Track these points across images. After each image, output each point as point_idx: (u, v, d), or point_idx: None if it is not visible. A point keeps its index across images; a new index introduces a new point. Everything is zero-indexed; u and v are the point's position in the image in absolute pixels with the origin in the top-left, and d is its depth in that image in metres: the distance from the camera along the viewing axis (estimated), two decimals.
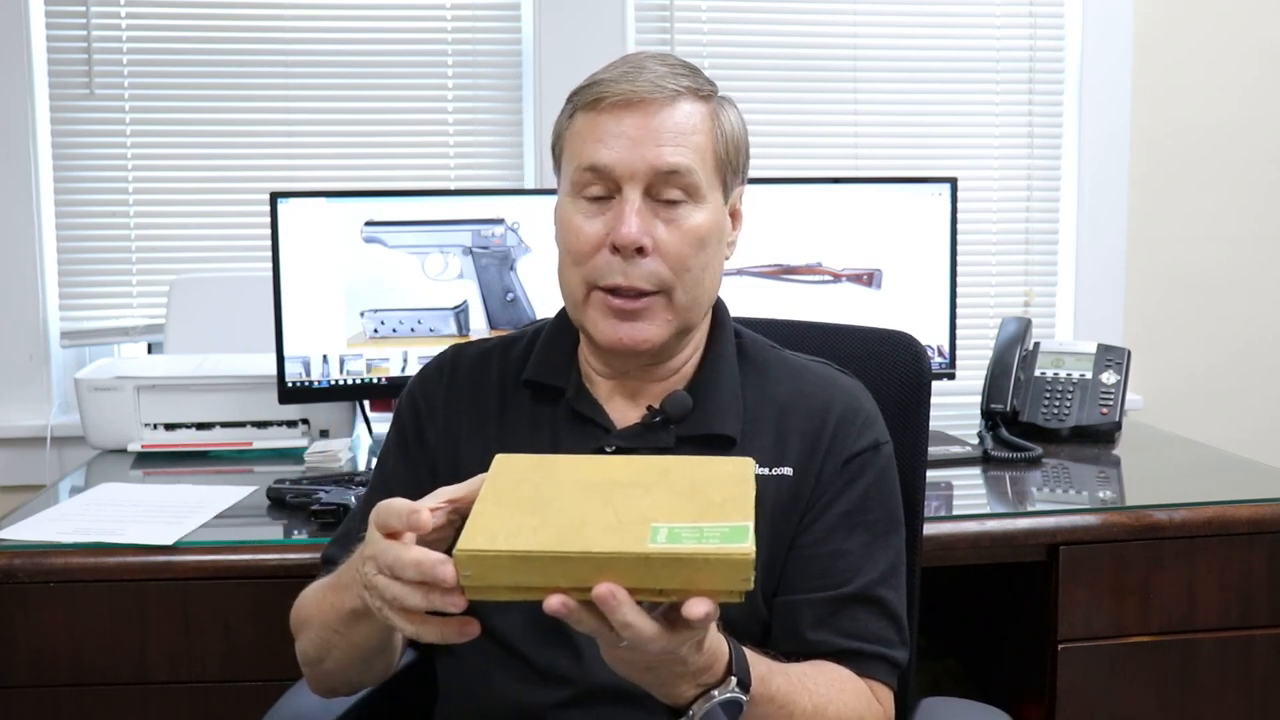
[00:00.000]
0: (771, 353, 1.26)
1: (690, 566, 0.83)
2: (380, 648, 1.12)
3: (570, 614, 0.84)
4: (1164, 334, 2.66)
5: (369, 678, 1.18)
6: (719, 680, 0.97)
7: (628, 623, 0.84)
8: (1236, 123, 2.66)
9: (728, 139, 1.17)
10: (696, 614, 0.84)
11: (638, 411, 1.20)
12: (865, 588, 1.16)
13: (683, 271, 1.14)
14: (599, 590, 0.83)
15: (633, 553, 0.83)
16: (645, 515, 0.87)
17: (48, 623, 1.50)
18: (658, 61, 1.15)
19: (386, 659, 1.17)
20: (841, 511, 1.18)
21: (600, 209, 1.14)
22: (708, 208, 1.15)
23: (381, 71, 2.47)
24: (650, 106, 1.12)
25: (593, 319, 1.15)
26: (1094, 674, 1.65)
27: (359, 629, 1.06)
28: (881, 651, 1.16)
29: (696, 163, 1.13)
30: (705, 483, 0.92)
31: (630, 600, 0.84)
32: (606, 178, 1.13)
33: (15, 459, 2.37)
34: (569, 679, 1.13)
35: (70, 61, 2.39)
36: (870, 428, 1.22)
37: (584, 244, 1.14)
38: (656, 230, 1.13)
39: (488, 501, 0.91)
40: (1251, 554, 1.67)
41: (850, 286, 2.07)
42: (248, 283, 2.27)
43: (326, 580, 1.13)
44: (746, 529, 0.86)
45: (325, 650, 1.12)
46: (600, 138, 1.12)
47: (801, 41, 2.57)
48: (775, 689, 1.03)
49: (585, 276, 1.15)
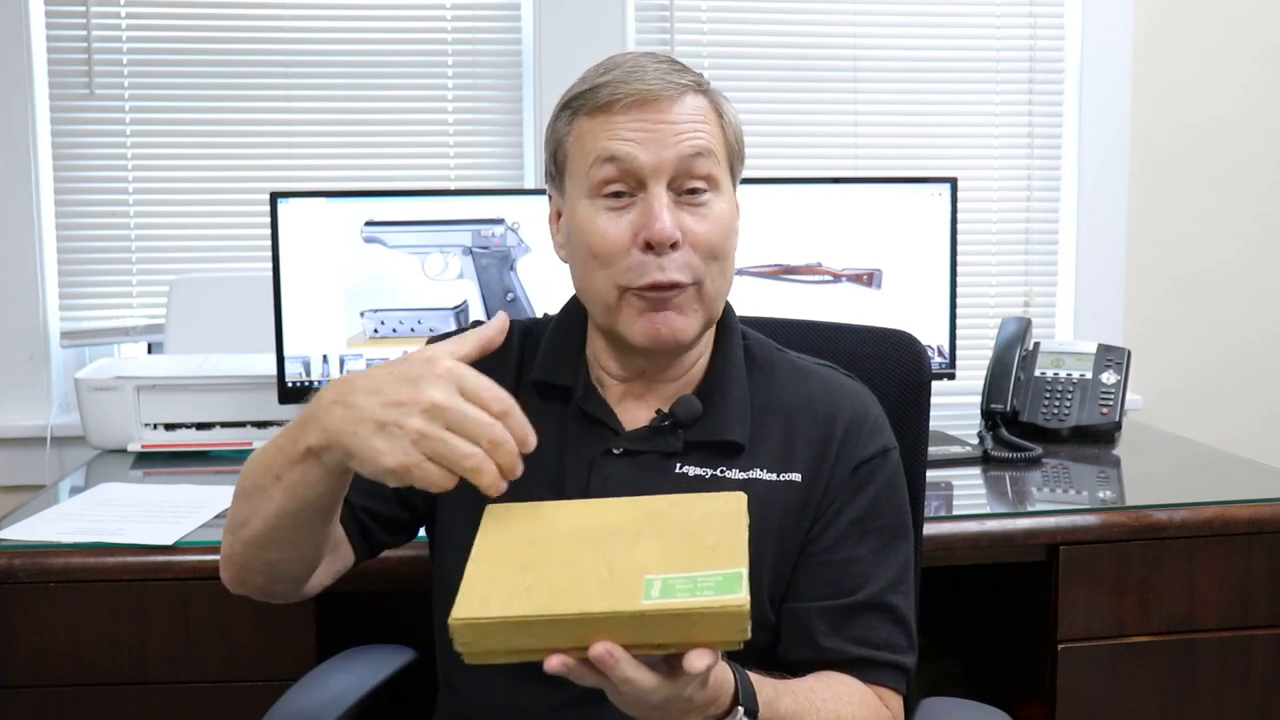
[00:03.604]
0: (778, 355, 1.26)
1: (686, 621, 0.83)
2: (318, 510, 1.03)
3: (571, 672, 0.85)
4: (1164, 334, 2.67)
5: (292, 558, 1.09)
6: (726, 711, 0.97)
7: (627, 678, 0.85)
8: (1236, 122, 2.66)
9: (733, 129, 1.18)
10: (698, 667, 0.84)
11: (647, 413, 1.19)
12: (876, 595, 1.16)
13: (711, 261, 1.13)
14: (595, 651, 0.83)
15: (627, 611, 0.83)
16: (638, 567, 0.86)
17: (48, 623, 1.50)
18: (651, 60, 1.14)
19: (319, 537, 1.08)
20: (852, 518, 1.18)
21: (623, 208, 1.12)
22: (725, 196, 1.16)
23: (381, 71, 2.48)
24: (664, 103, 1.11)
25: (626, 318, 1.14)
26: (1094, 674, 1.65)
27: (307, 474, 0.98)
28: (892, 659, 1.16)
29: (717, 148, 1.14)
30: (698, 525, 0.92)
31: (628, 657, 0.84)
32: (629, 173, 1.11)
33: (15, 459, 2.37)
34: (569, 683, 1.13)
35: (70, 61, 2.39)
36: (879, 433, 1.22)
37: (612, 245, 1.12)
38: (685, 222, 1.12)
39: (480, 562, 0.90)
40: (1251, 554, 1.67)
41: (850, 286, 2.07)
42: (248, 283, 2.27)
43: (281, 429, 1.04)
44: (740, 576, 0.85)
45: (255, 505, 1.03)
46: (617, 134, 1.11)
47: (801, 41, 2.57)
48: (784, 711, 1.04)
49: (616, 279, 1.12)
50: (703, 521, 0.92)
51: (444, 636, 1.18)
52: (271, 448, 1.02)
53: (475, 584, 0.88)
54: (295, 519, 1.03)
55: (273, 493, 1.01)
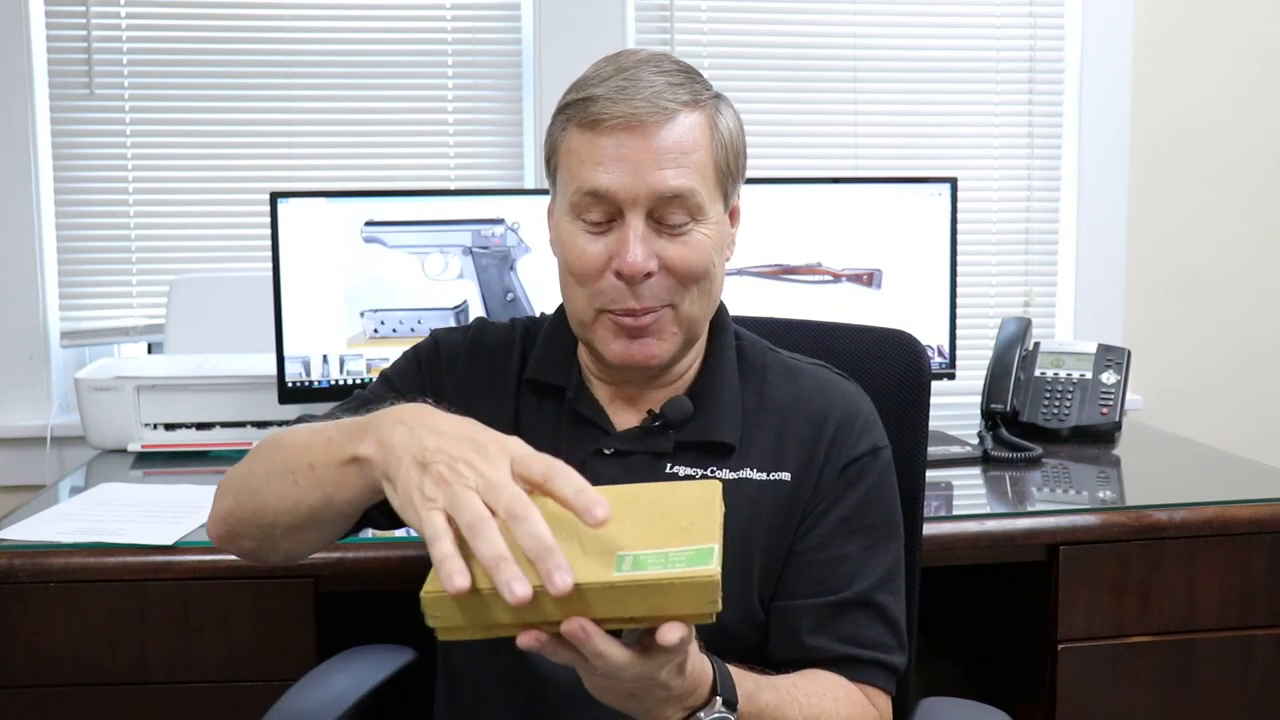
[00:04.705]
0: (770, 355, 1.26)
1: (657, 592, 0.83)
2: (339, 515, 1.00)
3: (543, 647, 0.84)
4: (1164, 334, 2.67)
5: (294, 541, 1.06)
6: (704, 702, 0.97)
7: (600, 652, 0.84)
8: (1236, 122, 2.66)
9: (726, 148, 1.15)
10: (670, 639, 0.84)
11: (638, 414, 1.20)
12: (863, 593, 1.16)
13: (691, 284, 1.13)
14: (567, 625, 0.83)
15: (598, 583, 0.83)
16: (612, 545, 0.86)
17: (48, 623, 1.50)
18: (653, 69, 1.12)
19: (329, 534, 1.05)
20: (840, 517, 1.18)
21: (601, 232, 1.12)
22: (710, 221, 1.13)
23: (381, 71, 2.47)
24: (649, 128, 1.09)
25: (602, 338, 1.14)
26: (1094, 674, 1.65)
27: (344, 480, 0.95)
28: (878, 657, 1.16)
29: (698, 182, 1.11)
30: (672, 508, 0.92)
31: (599, 631, 0.84)
32: (608, 203, 1.10)
33: (15, 459, 2.37)
34: (570, 682, 1.12)
35: (70, 61, 2.39)
36: (869, 432, 1.21)
37: (588, 266, 1.12)
38: (662, 250, 1.11)
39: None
40: (1251, 554, 1.67)
41: (850, 286, 2.07)
42: (248, 283, 2.27)
43: (331, 421, 1.01)
44: (711, 551, 0.85)
45: (278, 485, 1.01)
46: (600, 161, 1.09)
47: (801, 41, 2.57)
48: (764, 704, 1.03)
49: (591, 300, 1.13)
50: (677, 505, 0.93)
51: None
52: (319, 438, 0.98)
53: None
54: (313, 513, 1.00)
55: (300, 480, 0.99)
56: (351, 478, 0.95)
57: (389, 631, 1.46)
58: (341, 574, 1.52)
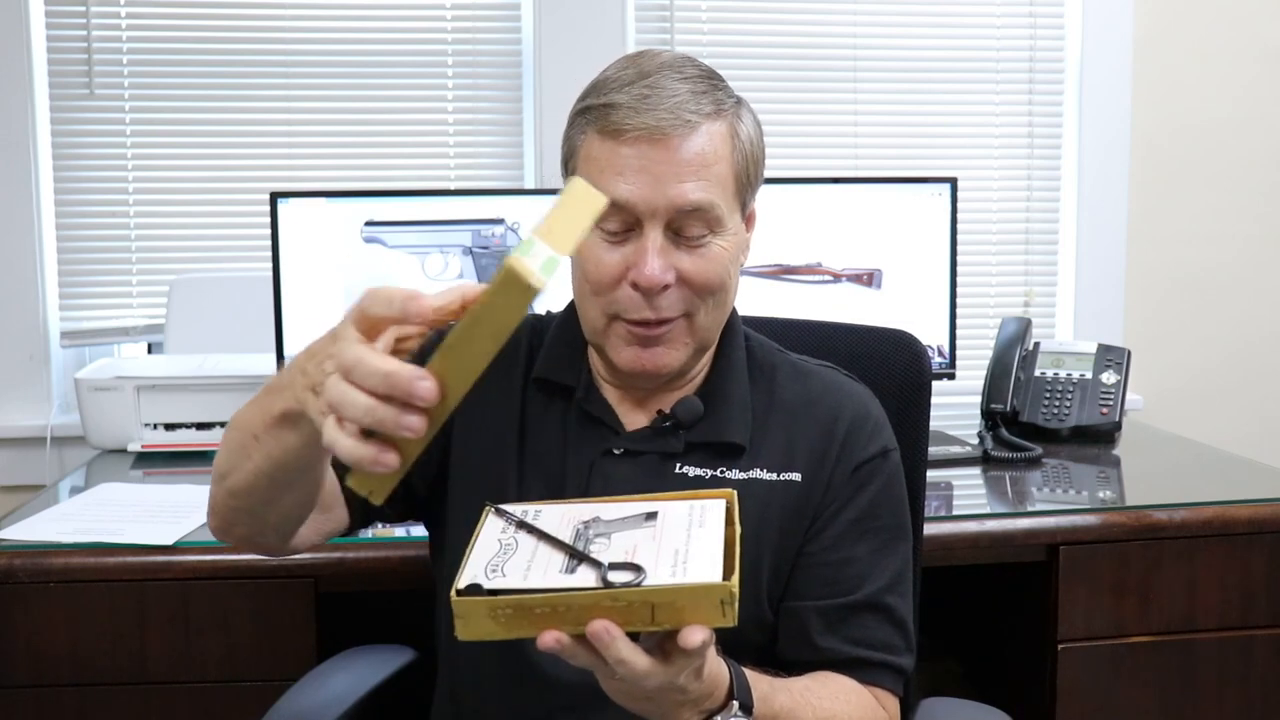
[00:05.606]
0: (779, 357, 1.25)
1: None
2: (297, 471, 1.00)
3: (564, 649, 0.85)
4: (1164, 334, 2.67)
5: (274, 513, 1.06)
6: (721, 705, 0.97)
7: (622, 659, 0.85)
8: (1236, 122, 2.66)
9: (746, 157, 1.14)
10: (693, 643, 0.84)
11: (647, 414, 1.19)
12: (873, 595, 1.16)
13: (707, 295, 1.13)
14: (593, 627, 0.83)
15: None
16: None
17: (48, 623, 1.50)
18: (675, 75, 1.10)
19: (301, 495, 1.05)
20: (850, 518, 1.18)
21: (619, 242, 1.11)
22: (728, 232, 1.13)
23: (381, 71, 2.47)
24: (671, 140, 1.08)
25: (614, 345, 1.14)
26: (1094, 674, 1.65)
27: (282, 438, 0.95)
28: (888, 660, 1.16)
29: (718, 195, 1.10)
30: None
31: (624, 636, 0.84)
32: (627, 213, 1.09)
33: (15, 459, 2.37)
34: (571, 683, 1.12)
35: (70, 61, 2.39)
36: (879, 434, 1.22)
37: (604, 276, 1.11)
38: (679, 262, 1.10)
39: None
40: (1251, 554, 1.67)
41: (850, 286, 2.07)
42: (248, 283, 2.27)
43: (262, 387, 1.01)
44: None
45: (237, 461, 1.01)
46: (620, 171, 1.08)
47: (801, 41, 2.57)
48: (779, 707, 1.04)
49: (606, 308, 1.12)
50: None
51: (444, 637, 1.18)
52: (254, 407, 1.00)
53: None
54: (273, 479, 1.00)
55: (251, 452, 0.99)
56: (287, 434, 0.95)
57: (389, 631, 1.47)
58: (341, 574, 1.52)
